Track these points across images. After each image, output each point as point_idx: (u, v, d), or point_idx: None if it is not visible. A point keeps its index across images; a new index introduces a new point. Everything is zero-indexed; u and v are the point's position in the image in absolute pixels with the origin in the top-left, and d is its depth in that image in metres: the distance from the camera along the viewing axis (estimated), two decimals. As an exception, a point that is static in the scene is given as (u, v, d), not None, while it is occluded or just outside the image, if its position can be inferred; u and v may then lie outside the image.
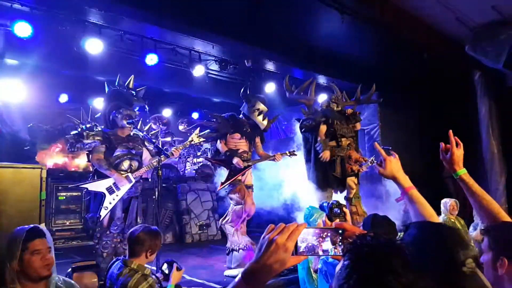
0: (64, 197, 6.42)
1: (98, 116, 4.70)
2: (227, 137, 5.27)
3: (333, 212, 2.40)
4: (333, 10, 4.86)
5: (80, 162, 7.79)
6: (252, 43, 5.69)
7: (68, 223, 6.41)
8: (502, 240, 1.47)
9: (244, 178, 5.23)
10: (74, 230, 6.43)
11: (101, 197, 3.94)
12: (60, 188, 6.40)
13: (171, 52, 6.02)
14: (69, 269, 3.64)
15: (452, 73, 6.95)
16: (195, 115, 9.76)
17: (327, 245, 1.04)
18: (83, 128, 4.11)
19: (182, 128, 9.28)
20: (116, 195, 3.98)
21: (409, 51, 6.17)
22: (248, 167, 5.19)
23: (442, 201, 5.28)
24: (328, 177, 4.97)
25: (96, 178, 4.05)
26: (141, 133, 4.33)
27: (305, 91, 5.15)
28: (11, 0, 4.47)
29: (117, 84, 4.39)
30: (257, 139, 5.45)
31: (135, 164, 4.23)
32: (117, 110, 4.27)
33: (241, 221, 4.94)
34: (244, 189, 4.94)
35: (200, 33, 5.49)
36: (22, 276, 2.11)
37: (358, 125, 5.33)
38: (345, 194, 5.11)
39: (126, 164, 4.17)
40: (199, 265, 5.36)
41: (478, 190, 1.71)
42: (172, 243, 7.11)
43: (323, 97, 7.59)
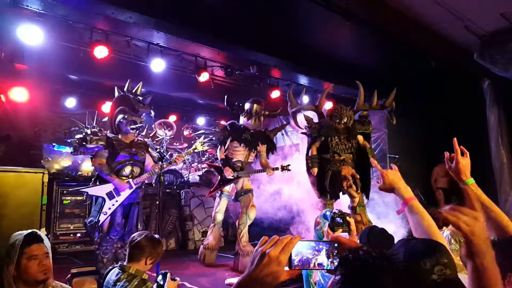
0: (69, 201, 6.44)
1: (105, 120, 4.74)
2: (227, 144, 5.30)
3: (335, 221, 2.26)
4: (338, 17, 4.83)
5: (86, 167, 7.83)
6: (257, 49, 5.69)
7: (72, 227, 6.43)
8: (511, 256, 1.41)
9: (239, 186, 5.37)
10: (78, 235, 6.43)
11: (101, 202, 3.94)
12: (65, 192, 6.42)
13: (177, 58, 6.06)
14: (69, 275, 3.63)
15: (461, 81, 6.86)
16: (201, 121, 9.78)
17: (322, 258, 1.01)
18: (87, 133, 4.14)
19: (187, 134, 9.30)
20: (116, 201, 3.98)
21: (417, 59, 6.12)
22: (237, 177, 5.24)
23: (448, 211, 5.17)
24: (324, 187, 4.92)
25: (98, 183, 4.06)
26: (145, 140, 4.34)
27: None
28: (21, 7, 4.54)
29: (126, 89, 4.42)
30: (261, 147, 5.44)
31: (136, 170, 4.24)
32: (122, 115, 4.29)
33: None
34: None
35: (205, 39, 5.51)
36: (19, 280, 2.11)
37: (370, 128, 5.25)
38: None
39: (127, 170, 4.18)
40: (201, 272, 5.31)
41: (486, 201, 1.66)
42: (175, 249, 7.08)
43: (328, 105, 7.57)
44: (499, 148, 6.72)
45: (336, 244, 1.03)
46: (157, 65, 5.82)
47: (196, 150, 4.69)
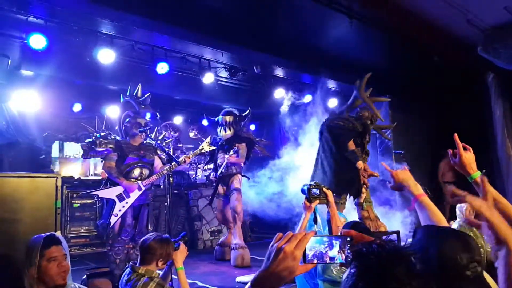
0: (79, 204, 6.51)
1: (117, 128, 4.82)
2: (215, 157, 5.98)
3: (311, 193, 2.27)
4: (341, 14, 4.86)
5: (95, 170, 7.91)
6: (261, 50, 5.73)
7: (82, 230, 6.49)
8: None
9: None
10: (89, 237, 6.50)
11: (112, 204, 4.02)
12: (75, 195, 6.50)
13: (181, 61, 6.11)
14: (84, 276, 3.70)
15: (465, 75, 6.85)
16: (206, 122, 9.82)
17: (334, 252, 1.05)
18: (97, 136, 4.22)
19: (193, 135, 9.35)
20: (126, 203, 4.05)
21: (420, 54, 6.12)
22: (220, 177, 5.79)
23: (458, 206, 5.15)
24: (346, 183, 4.80)
25: (108, 186, 4.13)
26: (154, 142, 4.41)
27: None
28: (26, 14, 4.61)
29: (128, 94, 4.50)
30: (238, 146, 5.74)
31: (145, 172, 4.30)
32: (127, 119, 4.37)
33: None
34: None
35: (209, 41, 5.56)
36: (39, 283, 2.17)
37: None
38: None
39: (136, 172, 4.25)
40: (211, 271, 5.36)
41: (493, 193, 1.69)
42: (185, 249, 7.13)
43: (333, 102, 7.59)
44: (505, 141, 6.71)
45: (349, 238, 1.07)
46: (162, 68, 5.88)
47: (203, 151, 4.74)
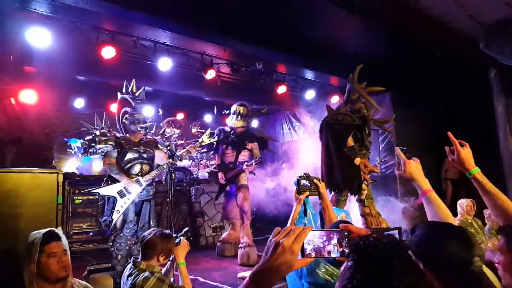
0: (81, 200, 6.54)
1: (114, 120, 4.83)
2: (219, 150, 5.87)
3: (301, 184, 2.16)
4: (343, 9, 4.83)
5: (97, 167, 7.95)
6: (262, 45, 5.72)
7: (84, 226, 6.52)
8: None
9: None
10: (91, 233, 6.54)
11: (113, 201, 4.03)
12: (77, 192, 6.52)
13: (184, 57, 6.10)
14: (85, 272, 3.72)
15: (467, 70, 6.81)
16: (208, 118, 9.83)
17: (333, 246, 1.05)
18: (96, 134, 4.22)
19: (195, 131, 9.35)
20: (127, 199, 4.07)
21: (422, 49, 6.08)
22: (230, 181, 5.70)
23: (459, 202, 5.16)
24: (346, 180, 4.70)
25: (109, 183, 4.14)
26: (155, 137, 4.41)
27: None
28: (29, 9, 4.61)
29: (124, 91, 4.50)
30: (251, 145, 5.72)
31: (146, 167, 4.31)
32: (125, 115, 4.38)
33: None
34: None
35: (211, 37, 5.55)
36: (40, 278, 2.17)
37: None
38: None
39: (137, 168, 4.25)
40: (213, 267, 5.39)
41: (492, 189, 1.69)
42: (187, 245, 7.15)
43: (335, 98, 7.58)
44: (507, 137, 6.68)
45: (347, 233, 1.07)
46: (164, 64, 5.87)
47: (203, 143, 4.73)
